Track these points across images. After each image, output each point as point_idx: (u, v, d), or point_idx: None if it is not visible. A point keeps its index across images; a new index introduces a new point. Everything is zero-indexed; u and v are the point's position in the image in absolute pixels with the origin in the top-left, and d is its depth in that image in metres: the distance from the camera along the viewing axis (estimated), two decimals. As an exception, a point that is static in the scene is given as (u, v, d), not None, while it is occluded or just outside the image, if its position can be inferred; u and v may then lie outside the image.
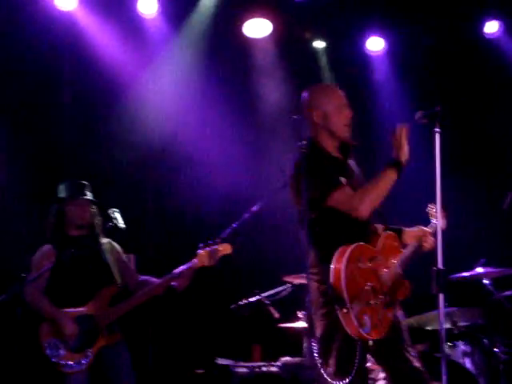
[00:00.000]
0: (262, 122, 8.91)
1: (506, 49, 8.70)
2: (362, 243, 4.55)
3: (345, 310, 4.35)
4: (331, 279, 4.42)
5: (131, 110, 8.33)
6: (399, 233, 4.81)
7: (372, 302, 4.45)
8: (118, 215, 5.90)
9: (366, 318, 4.41)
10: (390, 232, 4.75)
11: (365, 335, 4.41)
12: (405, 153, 4.53)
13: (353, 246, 4.48)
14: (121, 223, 5.89)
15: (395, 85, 8.95)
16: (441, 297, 4.25)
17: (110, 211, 5.95)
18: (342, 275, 4.38)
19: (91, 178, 6.24)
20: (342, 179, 4.62)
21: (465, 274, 6.74)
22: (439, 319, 4.25)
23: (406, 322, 4.80)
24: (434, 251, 4.40)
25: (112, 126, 8.27)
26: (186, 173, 8.47)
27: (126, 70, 8.26)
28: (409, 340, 4.62)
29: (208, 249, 5.77)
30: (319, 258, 4.59)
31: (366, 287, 4.47)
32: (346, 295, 4.35)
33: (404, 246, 4.79)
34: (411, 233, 4.84)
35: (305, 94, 4.91)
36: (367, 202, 4.50)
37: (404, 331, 4.65)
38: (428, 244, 4.75)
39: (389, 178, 4.52)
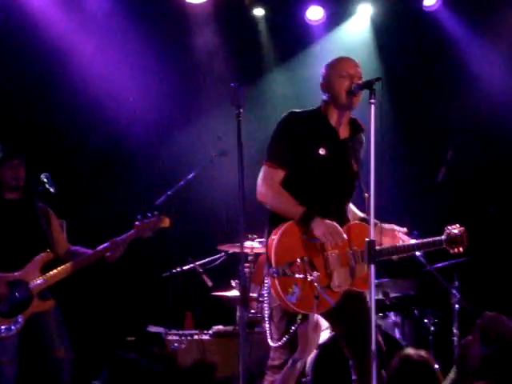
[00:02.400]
0: (200, 90, 8.83)
1: (444, 22, 8.74)
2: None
3: (269, 272, 4.49)
4: (268, 242, 4.60)
5: (67, 74, 8.20)
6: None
7: (307, 275, 4.48)
8: (49, 179, 5.80)
9: (296, 288, 4.47)
10: (361, 223, 4.74)
11: (289, 303, 4.49)
12: (326, 239, 4.55)
13: None
14: (52, 187, 5.80)
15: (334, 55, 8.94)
16: (372, 267, 4.27)
17: (42, 175, 5.86)
18: (276, 240, 4.53)
19: (27, 141, 6.13)
20: (321, 149, 4.67)
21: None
22: (370, 290, 4.27)
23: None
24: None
25: (47, 89, 8.14)
26: (120, 137, 8.37)
27: (66, 36, 8.18)
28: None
29: (146, 221, 5.73)
30: (269, 221, 4.72)
31: (301, 259, 4.52)
32: (272, 258, 4.50)
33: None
34: (384, 230, 4.80)
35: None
36: (265, 200, 4.70)
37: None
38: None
39: (294, 215, 4.58)
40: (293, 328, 4.65)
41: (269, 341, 4.77)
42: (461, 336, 6.75)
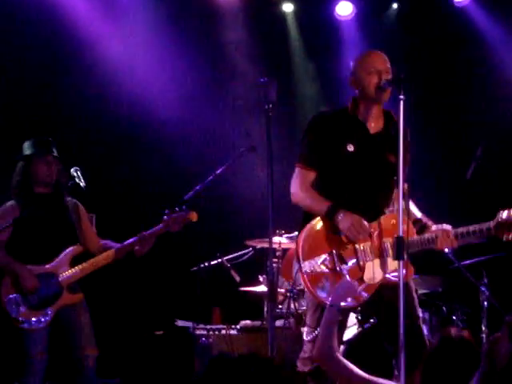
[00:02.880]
0: (229, 86, 8.84)
1: (474, 18, 8.68)
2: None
3: (297, 266, 4.51)
4: (297, 239, 4.61)
5: (97, 69, 8.23)
6: (424, 227, 4.76)
7: (337, 269, 4.48)
8: (79, 174, 5.85)
9: (326, 283, 4.47)
10: (393, 215, 4.61)
11: (319, 297, 4.50)
12: (351, 235, 4.56)
13: None
14: (82, 182, 5.84)
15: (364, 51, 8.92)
16: (400, 263, 4.25)
17: (72, 170, 5.90)
18: (303, 236, 4.56)
19: (55, 136, 6.16)
20: (349, 146, 4.67)
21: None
22: (398, 286, 4.25)
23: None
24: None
25: (79, 84, 8.19)
26: (152, 133, 8.40)
27: (94, 29, 8.19)
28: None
29: (174, 215, 5.77)
30: (302, 220, 4.73)
31: (330, 253, 4.53)
32: (300, 252, 4.52)
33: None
34: (432, 230, 4.70)
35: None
36: (297, 200, 4.70)
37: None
38: (441, 243, 4.62)
39: (319, 210, 4.61)
40: (317, 315, 4.63)
41: (303, 334, 4.76)
42: (489, 333, 6.71)
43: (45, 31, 7.91)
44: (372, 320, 6.28)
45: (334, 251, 4.55)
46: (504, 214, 4.50)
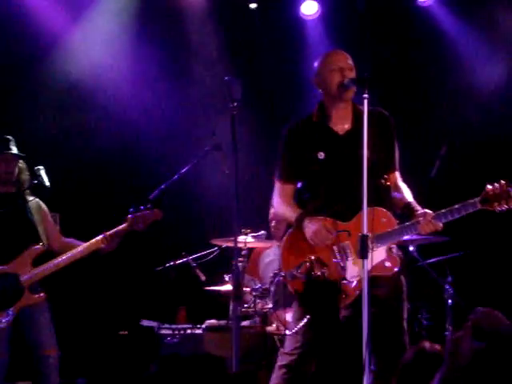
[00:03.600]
0: (194, 83, 8.82)
1: (437, 17, 8.73)
2: (323, 218, 4.63)
3: (282, 274, 4.70)
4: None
5: (62, 69, 8.18)
6: (412, 212, 4.73)
7: (318, 273, 4.51)
8: (43, 172, 5.80)
9: None
10: (377, 208, 4.58)
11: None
12: (316, 240, 4.62)
13: (308, 219, 4.66)
14: (46, 181, 5.79)
15: (328, 50, 8.93)
16: (364, 262, 4.26)
17: (35, 169, 5.85)
18: (282, 246, 4.75)
19: (18, 136, 6.10)
20: (319, 154, 4.72)
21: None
22: (363, 284, 4.26)
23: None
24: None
25: (39, 85, 8.12)
26: (114, 130, 8.35)
27: (55, 26, 8.11)
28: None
29: (138, 214, 5.75)
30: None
31: (308, 259, 4.59)
32: (282, 261, 4.71)
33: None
34: (415, 214, 4.70)
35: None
36: (277, 215, 5.15)
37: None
38: (424, 228, 4.62)
39: (293, 220, 4.74)
40: (306, 317, 4.66)
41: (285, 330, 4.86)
42: (454, 331, 6.75)
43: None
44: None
45: (313, 257, 4.57)
46: (491, 186, 4.50)
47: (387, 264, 4.64)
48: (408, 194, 4.84)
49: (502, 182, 4.49)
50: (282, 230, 5.82)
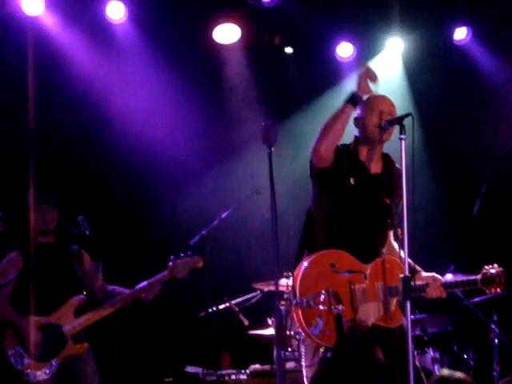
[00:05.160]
0: (232, 128, 8.87)
1: (474, 55, 8.73)
2: (344, 252, 4.63)
3: (294, 303, 4.52)
4: (295, 272, 4.65)
5: (99, 115, 8.25)
6: (413, 273, 4.76)
7: (332, 308, 4.47)
8: (84, 222, 5.85)
9: (319, 321, 4.47)
10: (393, 258, 4.71)
11: (311, 335, 4.51)
12: (361, 87, 4.64)
13: (330, 250, 4.63)
14: (87, 230, 5.84)
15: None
16: (407, 304, 4.23)
17: (77, 218, 5.91)
18: (301, 270, 4.59)
19: (59, 185, 6.18)
20: (351, 179, 4.73)
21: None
22: (407, 326, 4.23)
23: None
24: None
25: (79, 132, 8.20)
26: (155, 179, 8.40)
27: (94, 74, 8.18)
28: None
29: (179, 261, 5.77)
30: (297, 252, 4.82)
31: (327, 291, 4.50)
32: (297, 289, 4.55)
33: None
34: (422, 276, 4.78)
35: None
36: (323, 136, 4.65)
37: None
38: (431, 292, 4.70)
39: (342, 110, 4.66)
40: (316, 359, 4.64)
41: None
42: (501, 371, 6.65)
43: (43, 72, 7.89)
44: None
45: (331, 290, 4.54)
46: (492, 270, 4.67)
47: (394, 316, 4.62)
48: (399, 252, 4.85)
49: (499, 269, 4.68)
50: None
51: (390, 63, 8.94)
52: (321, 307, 4.49)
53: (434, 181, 8.46)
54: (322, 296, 4.51)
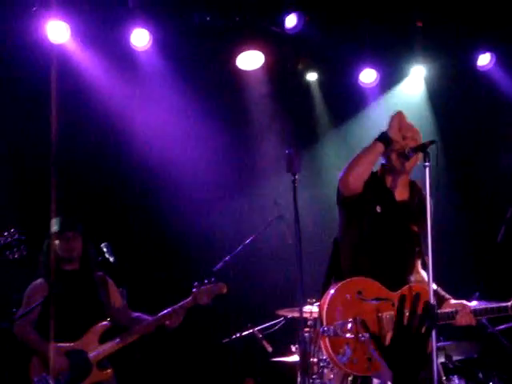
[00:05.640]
0: (255, 155, 8.89)
1: (498, 81, 8.71)
2: (371, 280, 4.61)
3: (321, 331, 4.51)
4: (322, 300, 4.63)
5: (124, 142, 8.30)
6: (442, 300, 4.76)
7: (359, 336, 4.45)
8: (108, 249, 5.88)
9: (347, 349, 4.45)
10: (421, 286, 4.65)
11: (339, 364, 4.48)
12: (393, 131, 4.67)
13: (357, 278, 4.62)
14: (112, 257, 5.86)
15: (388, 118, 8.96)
16: (433, 333, 4.20)
17: (102, 245, 5.94)
18: (328, 298, 4.57)
19: (82, 211, 6.22)
20: (378, 207, 4.72)
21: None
22: (432, 354, 4.20)
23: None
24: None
25: (104, 159, 8.24)
26: (178, 205, 8.41)
27: (119, 101, 8.24)
28: None
29: (203, 288, 5.80)
30: (324, 280, 4.81)
31: (354, 319, 4.47)
32: (324, 317, 4.53)
33: None
34: (451, 304, 4.78)
35: None
36: (352, 169, 4.66)
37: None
38: (461, 319, 4.69)
39: (373, 148, 4.68)
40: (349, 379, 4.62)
41: None
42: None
43: (67, 100, 7.93)
44: None
45: (358, 318, 4.52)
46: None
47: None
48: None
49: None
50: None
51: (414, 89, 8.93)
52: (348, 335, 4.47)
53: (458, 207, 8.41)
54: (349, 324, 4.49)
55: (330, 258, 4.87)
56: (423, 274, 4.83)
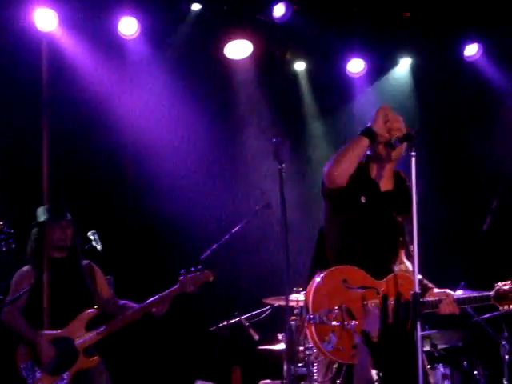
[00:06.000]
0: (242, 144, 8.90)
1: (484, 71, 8.74)
2: (356, 268, 4.60)
3: (307, 318, 4.48)
4: (308, 287, 4.59)
5: (112, 130, 8.29)
6: (425, 289, 4.78)
7: (345, 324, 4.47)
8: (96, 237, 5.88)
9: (332, 337, 4.47)
10: (406, 275, 4.65)
11: (324, 351, 4.48)
12: (378, 126, 4.61)
13: (342, 266, 4.59)
14: (99, 245, 5.87)
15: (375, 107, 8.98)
16: (417, 321, 4.23)
17: (89, 233, 5.94)
18: (314, 286, 4.54)
19: (70, 200, 6.22)
20: (362, 197, 4.70)
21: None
22: (417, 343, 4.23)
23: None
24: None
25: (92, 148, 8.24)
26: (165, 193, 8.42)
27: (107, 89, 8.23)
28: None
29: (190, 276, 5.80)
30: (311, 267, 4.76)
31: (340, 307, 4.50)
32: (310, 304, 4.51)
33: None
34: (434, 293, 4.76)
35: None
36: (337, 164, 4.60)
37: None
38: (444, 308, 4.66)
39: (358, 143, 4.62)
40: (329, 375, 4.63)
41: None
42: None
43: (55, 86, 7.91)
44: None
45: (344, 305, 4.54)
46: (505, 287, 4.65)
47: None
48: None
49: (511, 284, 4.66)
50: None
51: (401, 79, 8.96)
52: (334, 323, 4.49)
53: (444, 197, 8.45)
54: (335, 312, 4.51)
55: (315, 246, 4.87)
56: (407, 264, 4.85)
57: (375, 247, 4.71)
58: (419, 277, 4.68)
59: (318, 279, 4.58)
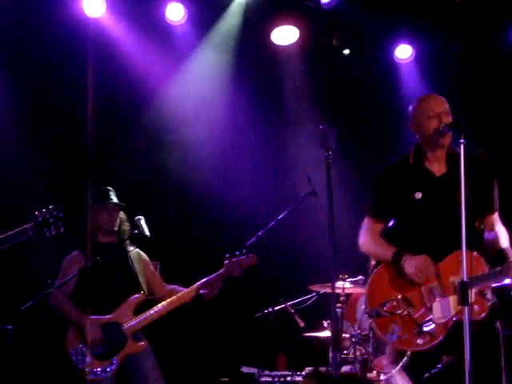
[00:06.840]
0: (288, 131, 8.88)
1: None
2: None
3: (367, 310, 4.59)
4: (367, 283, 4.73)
5: (158, 116, 8.33)
6: (503, 260, 4.69)
7: (404, 312, 4.46)
8: (143, 223, 5.91)
9: (395, 327, 4.49)
10: (469, 252, 4.38)
11: (389, 342, 4.56)
12: (413, 274, 4.57)
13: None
14: (146, 231, 5.89)
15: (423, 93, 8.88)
16: (465, 309, 4.18)
17: (135, 219, 5.97)
18: (369, 283, 4.69)
19: (116, 186, 6.25)
20: (417, 194, 4.70)
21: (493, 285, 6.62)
22: (464, 331, 4.18)
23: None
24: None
25: (138, 133, 8.29)
26: (211, 180, 8.45)
27: (154, 75, 8.28)
28: None
29: (234, 259, 5.81)
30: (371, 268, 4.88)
31: (395, 298, 4.54)
32: (368, 298, 4.65)
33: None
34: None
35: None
36: (365, 251, 4.89)
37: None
38: None
39: (384, 258, 4.69)
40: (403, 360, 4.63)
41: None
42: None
43: (103, 73, 7.94)
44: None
45: (400, 295, 4.55)
46: None
47: (475, 308, 4.51)
48: (504, 239, 4.71)
49: None
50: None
51: (449, 66, 8.85)
52: (394, 313, 4.51)
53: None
54: (393, 303, 4.52)
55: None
56: (501, 240, 4.72)
57: (440, 235, 4.64)
58: (504, 245, 4.61)
59: (375, 273, 4.68)
